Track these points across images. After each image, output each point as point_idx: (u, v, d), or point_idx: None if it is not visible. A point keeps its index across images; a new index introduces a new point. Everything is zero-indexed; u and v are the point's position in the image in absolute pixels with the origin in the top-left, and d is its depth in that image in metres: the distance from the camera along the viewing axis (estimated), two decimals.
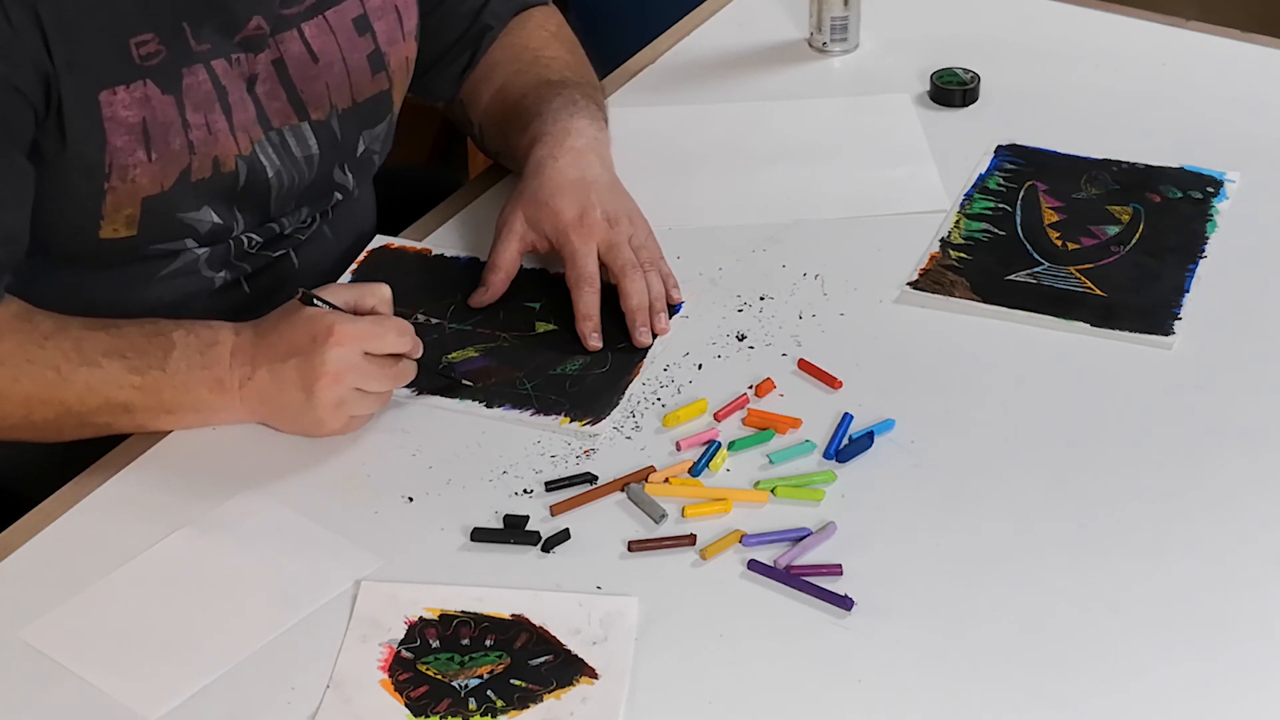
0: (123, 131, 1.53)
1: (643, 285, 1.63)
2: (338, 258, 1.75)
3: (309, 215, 1.71)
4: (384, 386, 1.52)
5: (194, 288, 1.65)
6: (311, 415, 1.50)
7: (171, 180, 1.57)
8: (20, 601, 1.40)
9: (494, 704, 1.31)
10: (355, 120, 1.70)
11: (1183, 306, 1.66)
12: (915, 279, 1.70)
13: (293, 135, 1.65)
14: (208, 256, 1.65)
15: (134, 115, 1.53)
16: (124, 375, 1.49)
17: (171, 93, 1.55)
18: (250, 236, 1.67)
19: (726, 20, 2.14)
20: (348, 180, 1.73)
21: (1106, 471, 1.49)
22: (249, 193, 1.63)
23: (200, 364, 1.50)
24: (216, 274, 1.66)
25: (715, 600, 1.39)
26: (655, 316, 1.63)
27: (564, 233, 1.63)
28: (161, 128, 1.55)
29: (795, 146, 1.91)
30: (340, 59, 1.66)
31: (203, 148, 1.58)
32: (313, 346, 1.48)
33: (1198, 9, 2.40)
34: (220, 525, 1.46)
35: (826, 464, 1.50)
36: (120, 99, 1.52)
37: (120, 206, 1.56)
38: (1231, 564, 1.41)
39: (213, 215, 1.61)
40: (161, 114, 1.55)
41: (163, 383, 1.50)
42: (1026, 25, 2.11)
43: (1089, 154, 1.87)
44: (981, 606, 1.38)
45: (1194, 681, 1.32)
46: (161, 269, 1.63)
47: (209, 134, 1.58)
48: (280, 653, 1.35)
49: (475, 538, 1.44)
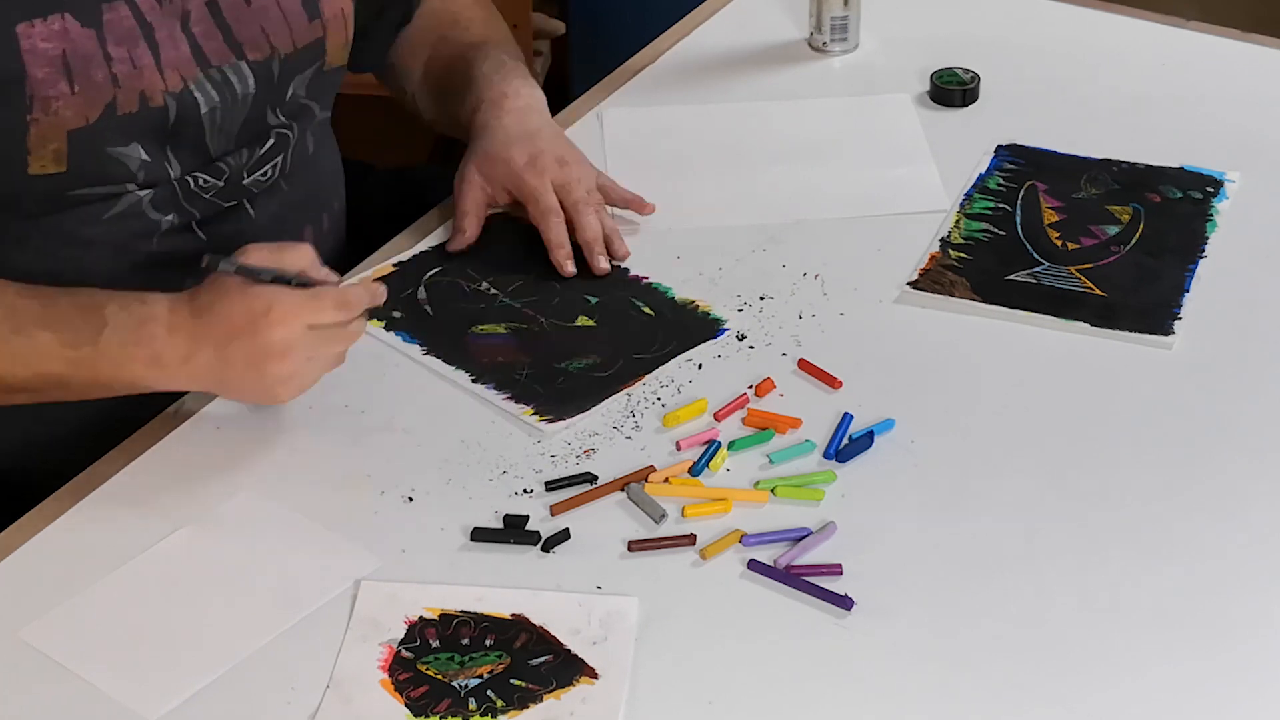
0: (43, 63, 1.52)
1: (596, 221, 1.72)
2: (295, 216, 1.74)
3: (253, 158, 1.69)
4: (334, 349, 1.51)
5: (140, 228, 1.63)
6: (265, 391, 1.50)
7: (97, 114, 1.56)
8: (20, 601, 1.40)
9: (494, 704, 1.31)
10: (292, 67, 1.69)
11: (1183, 306, 1.66)
12: (915, 279, 1.70)
13: (233, 73, 1.63)
14: (151, 198, 1.63)
15: (54, 48, 1.52)
16: (56, 348, 1.48)
17: (91, 26, 1.54)
18: (198, 176, 1.64)
19: (726, 20, 2.14)
20: (281, 122, 1.70)
21: (1106, 471, 1.49)
22: (180, 130, 1.62)
23: (133, 340, 1.48)
24: (164, 216, 1.64)
25: (715, 600, 1.39)
26: (612, 247, 1.73)
27: (519, 175, 1.73)
28: (83, 60, 1.54)
29: (795, 146, 1.91)
30: (275, 3, 1.66)
31: (127, 81, 1.56)
32: (253, 328, 1.46)
33: (1198, 9, 2.40)
34: (220, 525, 1.46)
35: (826, 464, 1.50)
36: (38, 31, 1.51)
37: (45, 140, 1.54)
38: (1231, 564, 1.41)
39: (141, 153, 1.60)
40: (81, 46, 1.53)
41: (95, 358, 1.48)
42: (1026, 25, 2.11)
43: (1089, 154, 1.87)
44: (981, 606, 1.38)
45: (1194, 681, 1.32)
46: (104, 212, 1.61)
47: (133, 68, 1.56)
48: (280, 653, 1.35)
49: (475, 538, 1.44)
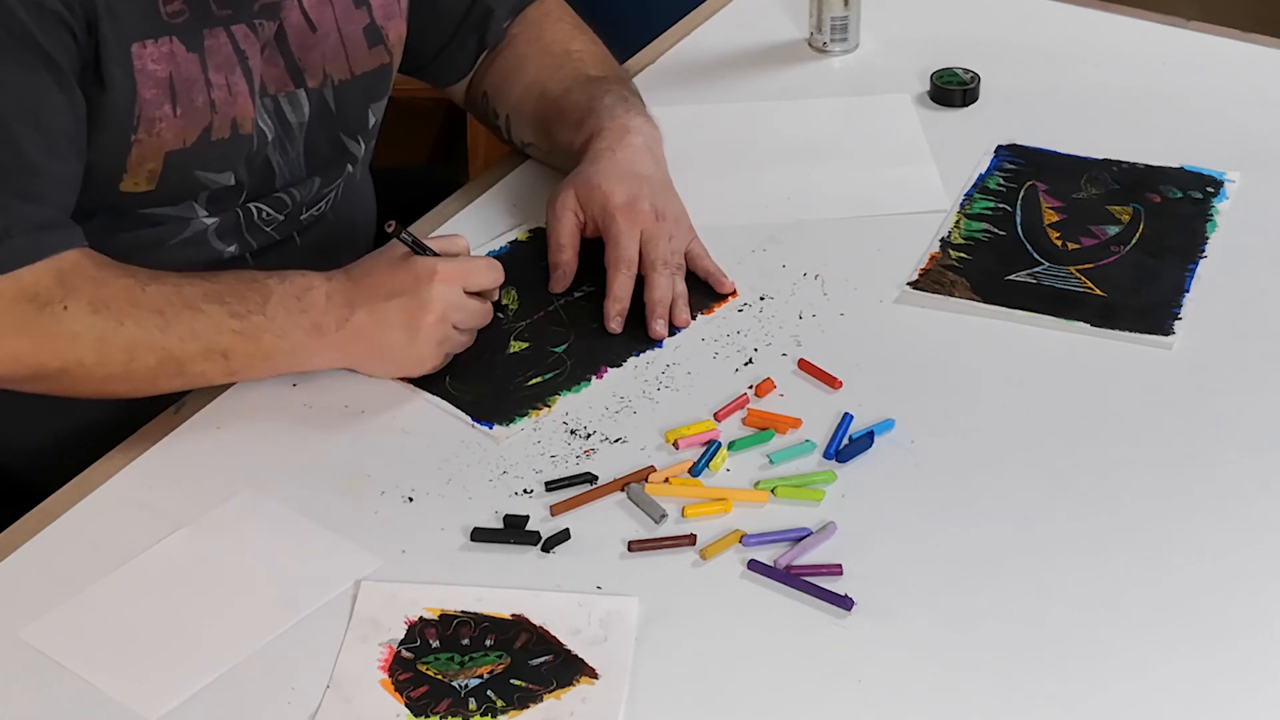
0: (151, 85, 1.56)
1: (669, 283, 1.66)
2: (335, 244, 1.76)
3: (320, 189, 1.73)
4: (478, 323, 1.59)
5: (202, 258, 1.67)
6: (414, 352, 1.55)
7: (194, 137, 1.60)
8: (20, 601, 1.40)
9: (494, 704, 1.31)
10: (361, 92, 1.73)
11: (1183, 306, 1.66)
12: (915, 279, 1.70)
13: (288, 102, 1.67)
14: (216, 227, 1.67)
15: (162, 70, 1.56)
16: (225, 320, 1.51)
17: (195, 51, 1.58)
18: (260, 208, 1.68)
19: (726, 20, 2.14)
20: (360, 149, 1.76)
21: (1106, 471, 1.49)
22: (256, 157, 1.66)
23: (298, 308, 1.53)
24: (226, 247, 1.68)
25: (715, 600, 1.39)
26: (677, 311, 1.66)
27: (611, 214, 1.67)
28: (186, 83, 1.57)
29: (795, 146, 1.91)
30: (336, 30, 1.69)
31: (223, 108, 1.60)
32: (417, 286, 1.53)
33: (1198, 9, 2.40)
34: (220, 525, 1.46)
35: (826, 464, 1.50)
36: (150, 52, 1.55)
37: (144, 160, 1.58)
38: (1231, 564, 1.41)
39: (227, 178, 1.64)
40: (186, 70, 1.57)
41: (263, 327, 1.52)
42: (1026, 25, 2.11)
43: (1089, 154, 1.87)
44: (981, 606, 1.38)
45: (1194, 681, 1.32)
46: (171, 237, 1.65)
47: (229, 95, 1.60)
48: (280, 653, 1.35)
49: (475, 538, 1.44)
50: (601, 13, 1.97)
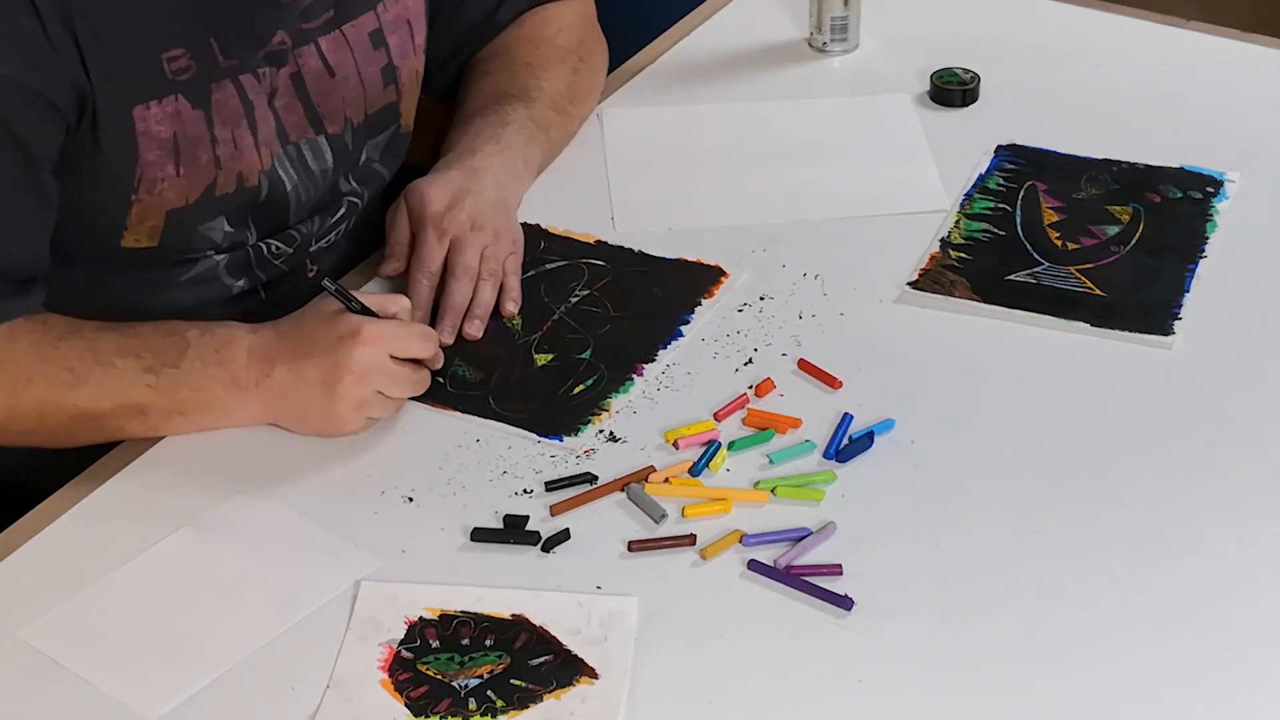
0: (154, 146, 1.53)
1: (467, 291, 1.63)
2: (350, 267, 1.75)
3: (323, 226, 1.71)
4: (404, 392, 1.52)
5: (212, 294, 1.66)
6: (333, 414, 1.49)
7: (197, 194, 1.58)
8: (20, 601, 1.40)
9: (494, 704, 1.31)
10: (365, 132, 1.71)
11: (1183, 306, 1.66)
12: (915, 279, 1.70)
13: (309, 149, 1.65)
14: (227, 263, 1.65)
15: (165, 130, 1.53)
16: (138, 375, 1.48)
17: (201, 108, 1.55)
18: (270, 244, 1.67)
19: (726, 20, 2.14)
20: (354, 189, 1.73)
21: (1106, 471, 1.49)
22: (268, 206, 1.64)
23: (215, 360, 1.49)
24: (236, 281, 1.67)
25: (715, 600, 1.39)
26: (469, 321, 1.62)
27: (422, 220, 1.66)
28: (191, 143, 1.55)
29: (795, 146, 1.91)
30: (355, 73, 1.67)
31: (229, 163, 1.58)
32: (338, 345, 1.48)
33: (1198, 9, 2.40)
34: (220, 525, 1.46)
35: (826, 464, 1.50)
36: (153, 114, 1.52)
37: (145, 218, 1.57)
38: (1231, 564, 1.41)
39: (226, 225, 1.62)
40: (191, 129, 1.55)
41: (177, 381, 1.49)
42: (1026, 25, 2.11)
43: (1089, 154, 1.87)
44: (981, 606, 1.38)
45: (1194, 681, 1.32)
46: (182, 274, 1.64)
47: (235, 150, 1.58)
48: (280, 653, 1.35)
49: (475, 538, 1.44)
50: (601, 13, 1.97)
